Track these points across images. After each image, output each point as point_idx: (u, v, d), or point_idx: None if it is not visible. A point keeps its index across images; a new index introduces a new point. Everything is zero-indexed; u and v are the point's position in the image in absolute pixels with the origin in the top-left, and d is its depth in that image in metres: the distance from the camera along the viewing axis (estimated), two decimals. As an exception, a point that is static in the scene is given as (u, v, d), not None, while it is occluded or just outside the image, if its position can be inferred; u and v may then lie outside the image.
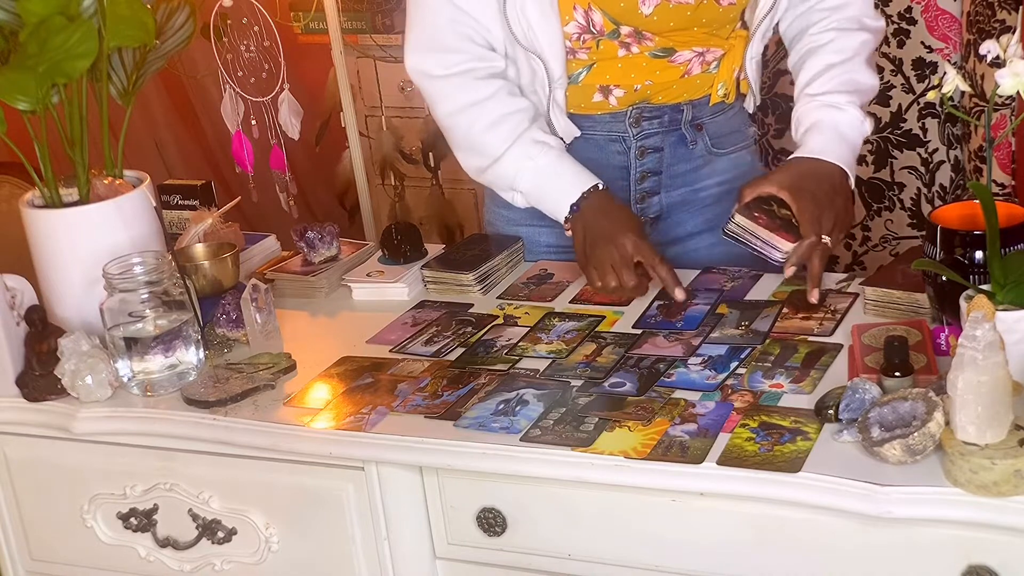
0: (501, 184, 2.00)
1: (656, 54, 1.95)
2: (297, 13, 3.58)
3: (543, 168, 1.95)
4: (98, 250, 1.79)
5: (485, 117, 1.96)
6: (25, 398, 1.80)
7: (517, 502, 1.58)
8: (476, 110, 1.96)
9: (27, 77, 1.74)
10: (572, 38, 1.93)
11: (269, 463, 1.69)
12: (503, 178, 1.99)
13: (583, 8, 1.91)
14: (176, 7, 1.93)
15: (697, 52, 1.97)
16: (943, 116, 2.94)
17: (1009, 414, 1.35)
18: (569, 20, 1.92)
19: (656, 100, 2.00)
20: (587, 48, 1.94)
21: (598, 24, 1.92)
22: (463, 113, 1.98)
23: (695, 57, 1.97)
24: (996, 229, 1.48)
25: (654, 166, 2.04)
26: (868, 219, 3.07)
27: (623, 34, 1.93)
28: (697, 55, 1.97)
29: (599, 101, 2.00)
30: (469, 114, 1.97)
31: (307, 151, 3.84)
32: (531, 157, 1.95)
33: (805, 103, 1.94)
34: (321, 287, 2.01)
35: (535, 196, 1.98)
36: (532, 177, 1.96)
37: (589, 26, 1.92)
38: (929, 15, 2.88)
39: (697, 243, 2.08)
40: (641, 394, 1.60)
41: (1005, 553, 1.36)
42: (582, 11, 1.91)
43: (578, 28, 1.92)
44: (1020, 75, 1.52)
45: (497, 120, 1.96)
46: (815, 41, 1.98)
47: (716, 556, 1.50)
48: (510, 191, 2.00)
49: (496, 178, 2.00)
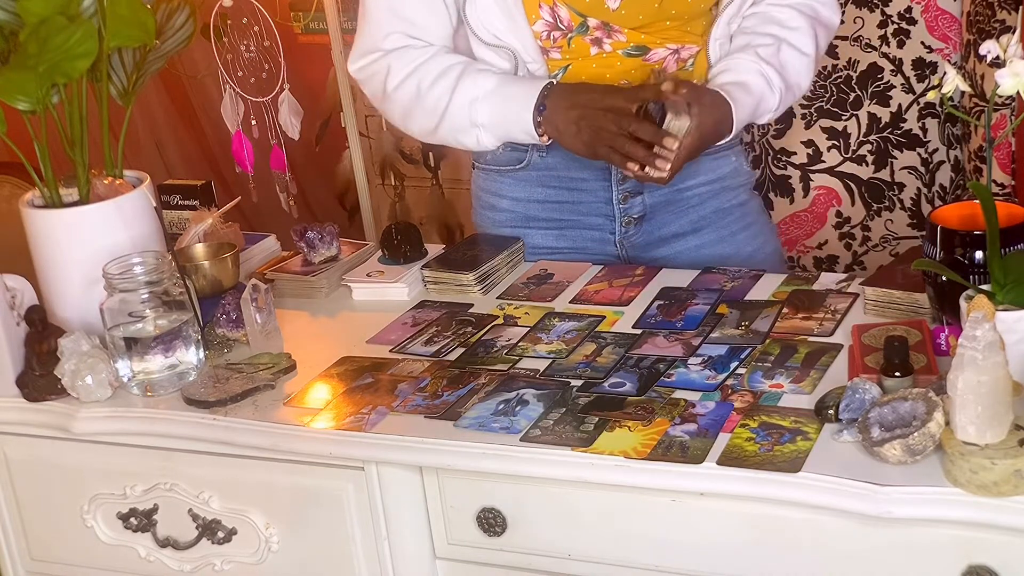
0: (461, 129, 1.98)
1: (630, 52, 1.95)
2: (297, 13, 3.58)
3: (494, 90, 1.93)
4: (98, 250, 1.79)
5: (428, 75, 1.95)
6: (25, 398, 1.80)
7: (517, 502, 1.58)
8: (419, 73, 1.96)
9: (27, 77, 1.74)
10: (542, 37, 1.93)
11: (269, 463, 1.69)
12: (460, 121, 1.96)
13: (548, 5, 1.91)
14: (176, 7, 1.93)
15: (671, 49, 1.96)
16: (943, 116, 2.94)
17: (1009, 414, 1.35)
18: (536, 19, 1.92)
19: None
20: (559, 47, 1.94)
21: (565, 19, 1.91)
22: (407, 80, 1.97)
23: (670, 55, 1.96)
24: (996, 229, 1.48)
25: None
26: (868, 219, 3.07)
27: (591, 27, 1.92)
28: (672, 52, 1.96)
29: None
30: (413, 78, 1.97)
31: (307, 151, 3.85)
32: (478, 85, 1.93)
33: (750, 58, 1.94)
34: (321, 287, 2.01)
35: (498, 123, 1.95)
36: (487, 106, 1.94)
37: (557, 22, 1.92)
38: (929, 15, 2.88)
39: (684, 244, 2.07)
40: (641, 394, 1.60)
41: (1005, 553, 1.36)
42: (548, 8, 1.91)
43: (546, 26, 1.92)
44: (1020, 75, 1.52)
45: (440, 73, 1.95)
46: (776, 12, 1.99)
47: (716, 556, 1.50)
48: (473, 132, 1.97)
49: (453, 128, 1.98)
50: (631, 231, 2.06)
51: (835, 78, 2.98)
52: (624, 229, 2.06)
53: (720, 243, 2.08)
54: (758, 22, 1.99)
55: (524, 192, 2.08)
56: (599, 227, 2.07)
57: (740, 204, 2.10)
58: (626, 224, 2.06)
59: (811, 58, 2.00)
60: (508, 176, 2.09)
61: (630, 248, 2.07)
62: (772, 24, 1.98)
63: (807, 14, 2.00)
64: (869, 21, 2.93)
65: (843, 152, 3.02)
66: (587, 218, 2.07)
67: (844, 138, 3.01)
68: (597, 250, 2.07)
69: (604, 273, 1.97)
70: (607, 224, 2.06)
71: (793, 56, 1.97)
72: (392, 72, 1.99)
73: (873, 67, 2.95)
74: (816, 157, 3.04)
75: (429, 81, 1.96)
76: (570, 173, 2.02)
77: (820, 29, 2.02)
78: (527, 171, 2.06)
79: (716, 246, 2.07)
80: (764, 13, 2.00)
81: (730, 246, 2.08)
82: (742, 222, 2.10)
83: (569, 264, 2.01)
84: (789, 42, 1.97)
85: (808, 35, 1.99)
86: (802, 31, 1.99)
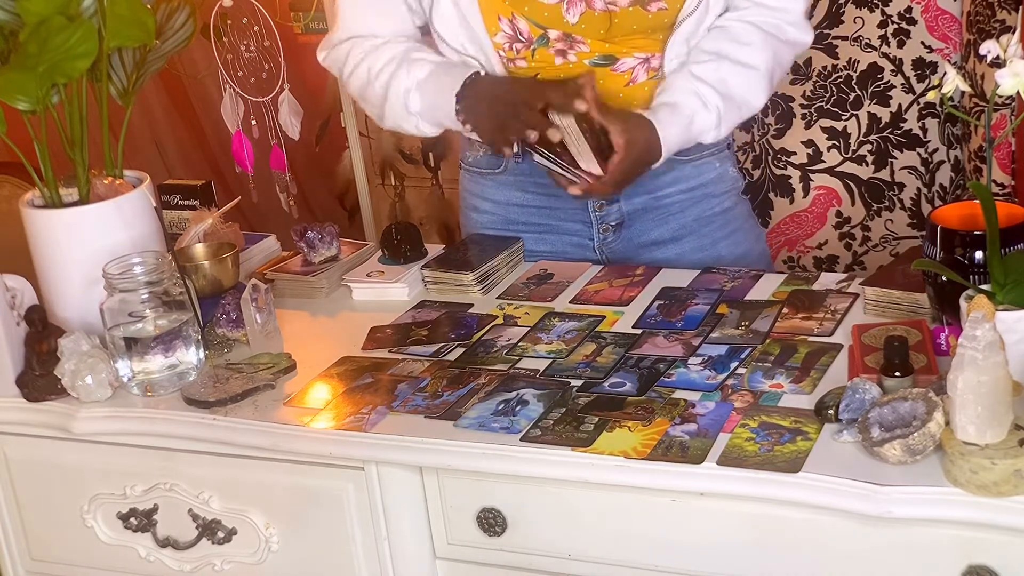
0: (402, 117, 1.99)
1: (596, 62, 1.93)
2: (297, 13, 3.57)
3: (425, 80, 1.94)
4: (98, 250, 1.79)
5: (375, 65, 1.98)
6: (25, 398, 1.80)
7: (517, 502, 1.58)
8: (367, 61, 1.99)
9: (27, 77, 1.74)
10: (504, 48, 1.93)
11: (269, 463, 1.69)
12: (399, 110, 1.98)
13: (507, 18, 1.91)
14: (176, 7, 1.93)
15: (640, 59, 1.94)
16: (943, 116, 2.94)
17: (1009, 414, 1.35)
18: (496, 31, 1.92)
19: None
20: (523, 58, 1.94)
21: (525, 32, 1.91)
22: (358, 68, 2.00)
23: (639, 64, 1.94)
24: (996, 229, 1.48)
25: None
26: (868, 219, 3.07)
27: (552, 39, 1.91)
28: (641, 62, 1.94)
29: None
30: (363, 66, 1.99)
31: (307, 151, 3.84)
32: (411, 76, 1.95)
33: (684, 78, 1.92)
34: (321, 287, 2.01)
35: (429, 111, 1.96)
36: (418, 95, 1.95)
37: (517, 34, 1.92)
38: (929, 15, 2.88)
39: (664, 252, 2.06)
40: (641, 394, 1.60)
41: (1005, 553, 1.36)
42: (507, 21, 1.91)
43: (507, 38, 1.92)
44: (1020, 75, 1.52)
45: (384, 64, 1.97)
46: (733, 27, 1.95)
47: (716, 556, 1.50)
48: (412, 119, 1.98)
49: (395, 116, 2.00)
50: (609, 238, 2.05)
51: (835, 78, 2.98)
52: (603, 236, 2.05)
53: (700, 251, 2.06)
54: (711, 38, 1.95)
55: (504, 196, 2.08)
56: (577, 232, 2.06)
57: (723, 211, 2.08)
58: (604, 231, 2.05)
59: (760, 72, 1.95)
60: (489, 179, 2.09)
61: (610, 254, 2.06)
62: (723, 40, 1.94)
63: (766, 31, 1.95)
64: (869, 21, 2.93)
65: (843, 152, 3.02)
66: (565, 223, 2.06)
67: (844, 138, 3.01)
68: (577, 255, 2.06)
69: (604, 273, 1.97)
70: (585, 230, 2.06)
71: (735, 71, 1.93)
72: (348, 60, 2.02)
73: (873, 67, 2.94)
74: (816, 157, 3.04)
75: (375, 71, 1.99)
76: (546, 179, 1.96)
77: (781, 46, 1.97)
78: (505, 175, 2.07)
79: (696, 254, 2.05)
80: (721, 27, 1.96)
81: (710, 255, 2.05)
82: (724, 230, 2.08)
83: (569, 264, 2.01)
84: (732, 58, 1.93)
85: (760, 49, 1.94)
86: (754, 46, 1.94)
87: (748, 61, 1.94)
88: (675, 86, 1.92)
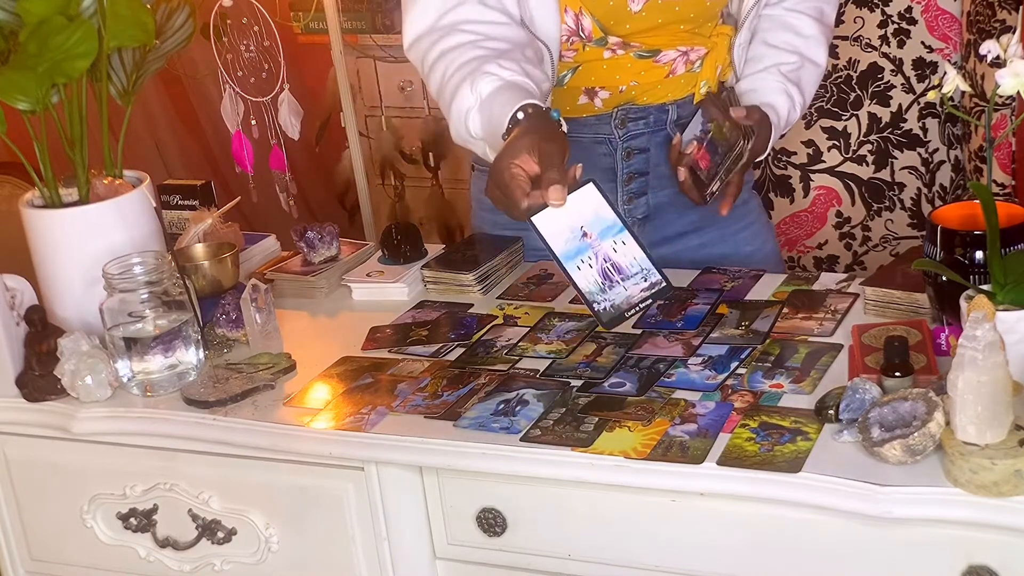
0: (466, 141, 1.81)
1: (641, 54, 1.95)
2: (297, 13, 3.58)
3: (485, 100, 1.74)
4: (98, 250, 1.79)
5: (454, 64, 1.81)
6: (25, 398, 1.80)
7: (517, 502, 1.58)
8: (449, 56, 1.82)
9: (27, 77, 1.74)
10: (561, 40, 1.93)
11: (269, 463, 1.69)
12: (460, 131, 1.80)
13: (574, 11, 1.91)
14: (176, 7, 1.93)
15: (681, 51, 1.97)
16: (943, 116, 2.94)
17: (1009, 414, 1.35)
18: (560, 22, 1.92)
19: (641, 101, 2.00)
20: (574, 50, 1.94)
21: (587, 30, 1.92)
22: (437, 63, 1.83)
23: (679, 56, 1.97)
24: (996, 229, 1.48)
25: (641, 167, 2.04)
26: (868, 219, 3.07)
27: (610, 43, 1.93)
28: (681, 54, 1.97)
29: (584, 104, 1.99)
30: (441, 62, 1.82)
31: (307, 151, 3.85)
32: (475, 90, 1.75)
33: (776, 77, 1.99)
34: (321, 287, 2.01)
35: (491, 141, 1.74)
36: (478, 116, 1.75)
37: (578, 30, 1.92)
38: (929, 15, 2.88)
39: (686, 243, 2.08)
40: (641, 394, 1.60)
41: (1005, 553, 1.36)
42: (573, 14, 1.91)
43: (567, 31, 1.92)
44: (1020, 75, 1.52)
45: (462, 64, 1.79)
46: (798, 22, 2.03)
47: (716, 556, 1.50)
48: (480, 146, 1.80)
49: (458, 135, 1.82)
50: (636, 231, 2.05)
51: (835, 78, 2.98)
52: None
53: (721, 242, 2.08)
54: (774, 27, 2.03)
55: None
56: None
57: (742, 203, 2.10)
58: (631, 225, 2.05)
59: (823, 69, 2.07)
60: None
61: None
62: (788, 32, 2.02)
63: (816, 18, 2.04)
64: (869, 21, 2.93)
65: (843, 152, 3.03)
66: None
67: (844, 138, 3.02)
68: None
69: (604, 273, 1.97)
70: None
71: (810, 71, 2.04)
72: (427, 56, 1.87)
73: (873, 67, 2.95)
74: (816, 157, 3.04)
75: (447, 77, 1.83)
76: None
77: (827, 32, 2.06)
78: None
79: (717, 245, 2.08)
80: (779, 19, 2.03)
81: (730, 245, 2.09)
82: (743, 221, 2.10)
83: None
84: (808, 57, 2.02)
85: (821, 44, 2.05)
86: (815, 40, 2.04)
87: (816, 58, 2.04)
88: (768, 87, 2.00)
